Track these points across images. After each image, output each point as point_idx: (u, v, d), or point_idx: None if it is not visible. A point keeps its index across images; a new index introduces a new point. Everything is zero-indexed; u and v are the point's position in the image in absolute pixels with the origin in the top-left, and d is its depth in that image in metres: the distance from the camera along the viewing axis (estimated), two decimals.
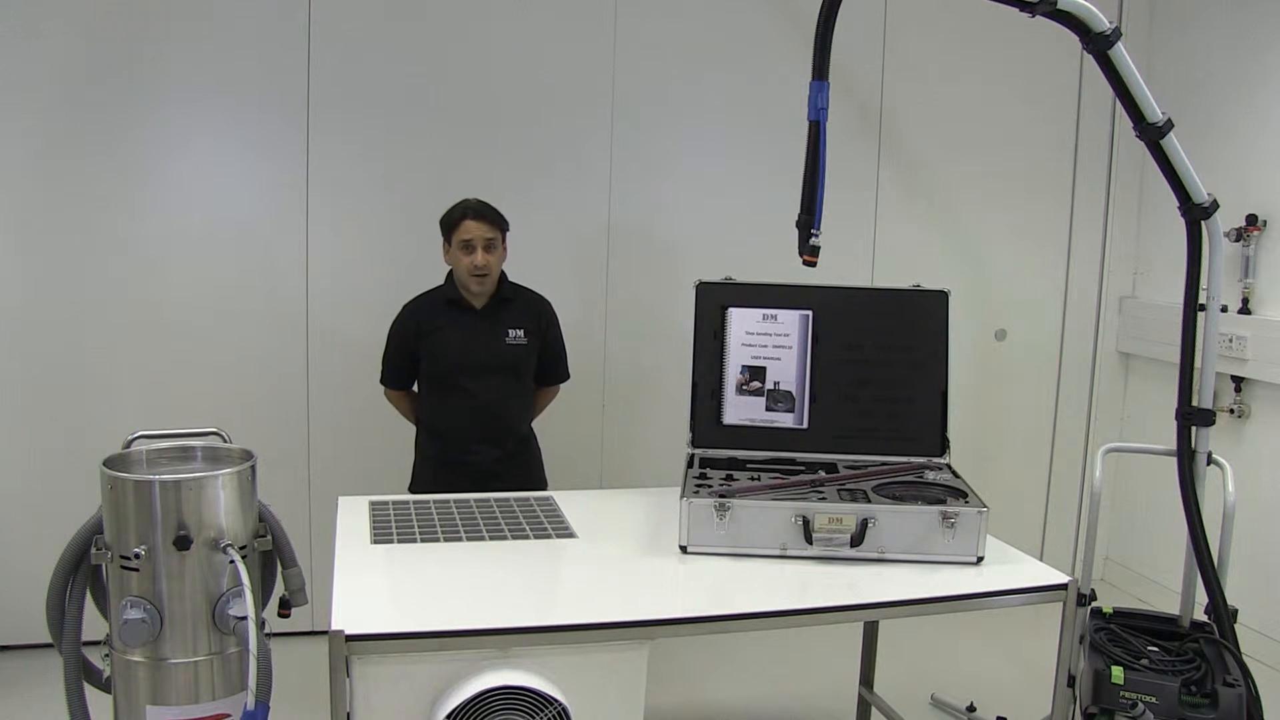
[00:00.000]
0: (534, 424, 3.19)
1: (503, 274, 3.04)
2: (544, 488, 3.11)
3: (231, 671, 2.03)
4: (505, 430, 3.03)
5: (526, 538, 2.28)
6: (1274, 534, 3.58)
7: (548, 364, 3.13)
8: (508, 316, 3.01)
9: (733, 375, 2.61)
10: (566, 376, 3.23)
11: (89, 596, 2.10)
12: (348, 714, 1.72)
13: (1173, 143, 2.40)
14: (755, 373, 2.61)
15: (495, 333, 2.98)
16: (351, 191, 3.56)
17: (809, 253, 2.24)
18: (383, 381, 3.12)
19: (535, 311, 3.08)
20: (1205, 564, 2.55)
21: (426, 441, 3.09)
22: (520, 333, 3.00)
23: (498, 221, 2.96)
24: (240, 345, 3.51)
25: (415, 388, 3.12)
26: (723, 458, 2.57)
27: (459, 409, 2.98)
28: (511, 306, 3.03)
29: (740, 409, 2.61)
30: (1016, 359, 4.27)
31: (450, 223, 2.95)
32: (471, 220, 2.91)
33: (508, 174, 3.61)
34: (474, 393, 2.97)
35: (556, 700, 1.75)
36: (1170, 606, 2.81)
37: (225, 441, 2.28)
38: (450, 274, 3.04)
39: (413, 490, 3.05)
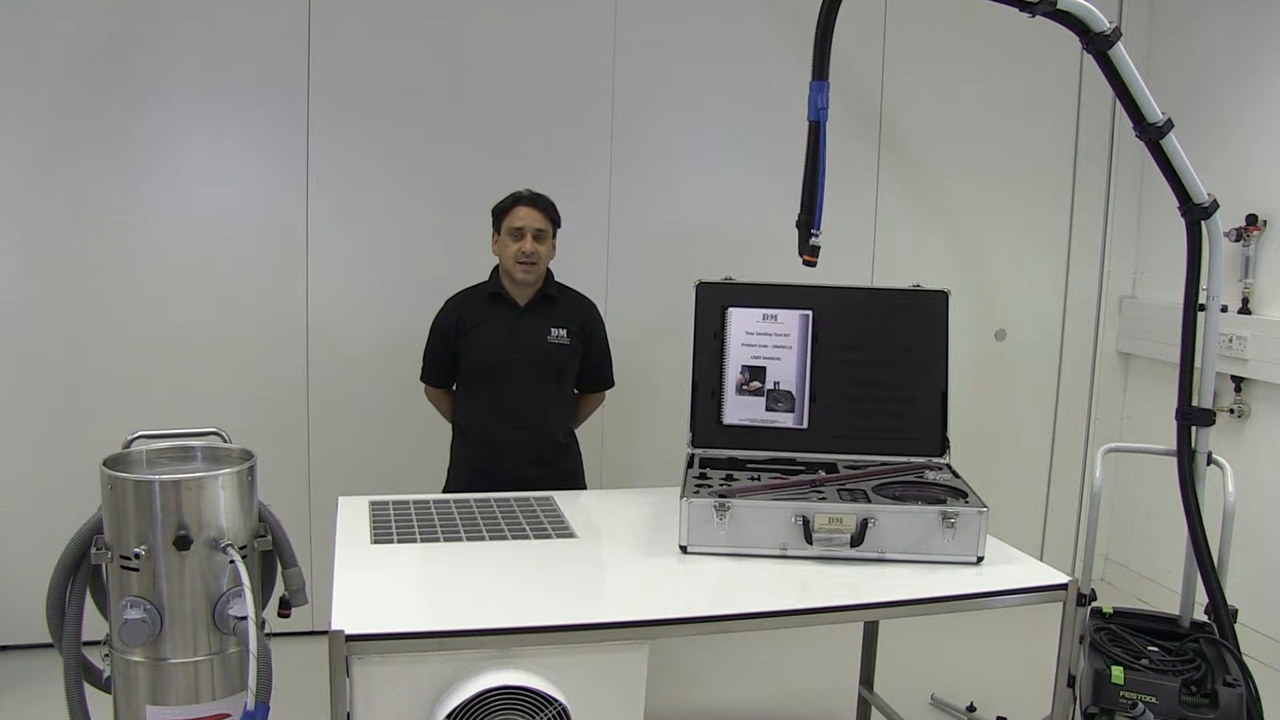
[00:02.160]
0: None
1: (549, 272, 2.99)
2: None
3: (231, 671, 2.03)
4: (541, 433, 2.95)
5: (526, 538, 2.28)
6: (1274, 534, 3.58)
7: (592, 369, 3.06)
8: (551, 315, 2.94)
9: (733, 375, 2.61)
10: (611, 383, 3.16)
11: (89, 596, 2.10)
12: (348, 714, 1.72)
13: (1173, 143, 2.40)
14: (755, 373, 2.61)
15: (537, 330, 2.91)
16: (352, 191, 3.56)
17: (809, 253, 2.24)
18: (423, 378, 3.07)
19: (580, 313, 3.01)
20: (1205, 564, 2.55)
21: (461, 444, 3.03)
22: (563, 332, 2.93)
23: (550, 212, 2.92)
24: (240, 345, 3.51)
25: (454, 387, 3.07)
26: (723, 458, 2.57)
27: (494, 408, 2.92)
28: (556, 304, 2.96)
29: (740, 409, 2.61)
30: (1016, 359, 4.27)
31: (502, 209, 2.92)
32: (524, 207, 2.88)
33: (508, 173, 3.58)
34: (510, 391, 2.90)
35: (556, 700, 1.75)
36: (1170, 606, 2.81)
37: (225, 441, 2.28)
38: (495, 269, 2.99)
39: (446, 493, 2.99)
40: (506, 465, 2.91)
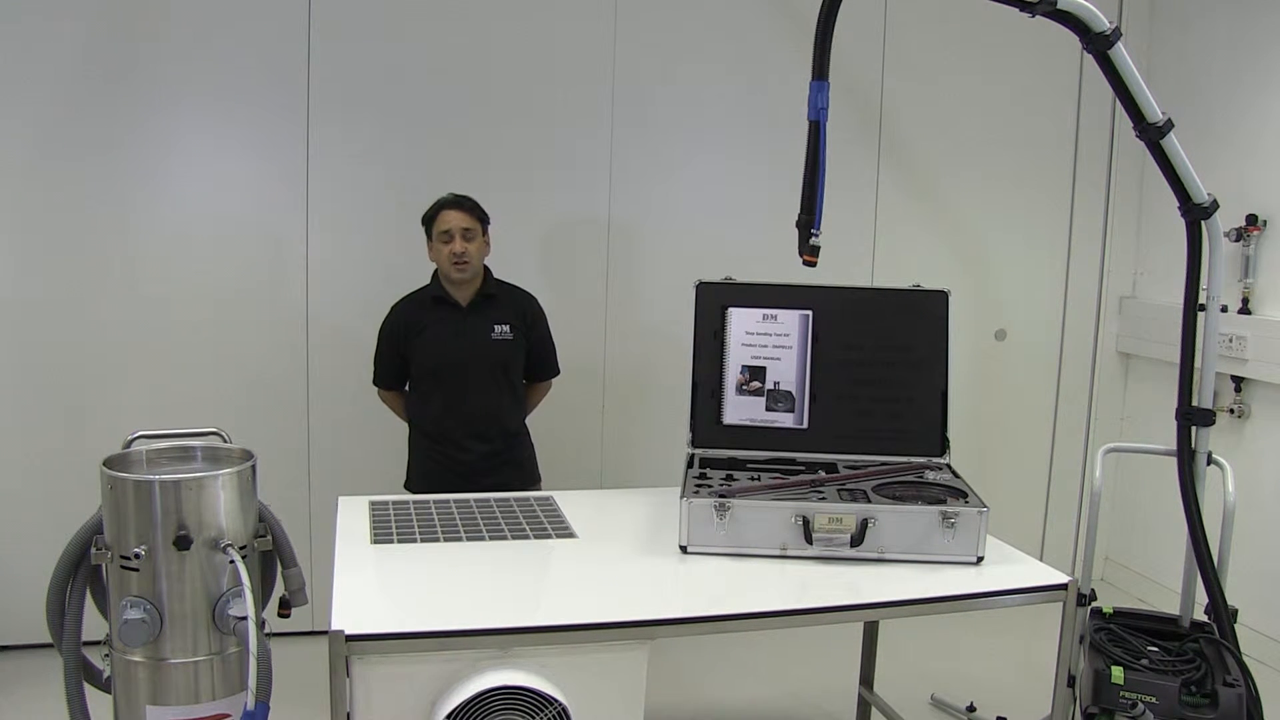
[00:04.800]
0: (531, 421, 3.20)
1: (488, 271, 3.05)
2: (537, 484, 3.13)
3: (231, 671, 2.03)
4: (494, 426, 3.04)
5: (526, 538, 2.28)
6: (1274, 534, 3.58)
7: (536, 360, 3.14)
8: (493, 312, 3.02)
9: (733, 375, 2.61)
10: (557, 372, 3.23)
11: (89, 596, 2.10)
12: (348, 714, 1.72)
13: (1173, 143, 2.40)
14: (755, 373, 2.61)
15: (481, 329, 3.00)
16: (352, 190, 3.56)
17: (809, 253, 2.24)
18: (375, 382, 3.14)
19: (521, 307, 3.09)
20: (1205, 564, 2.55)
21: (418, 440, 3.10)
22: (506, 328, 3.01)
23: (475, 211, 2.99)
24: (240, 345, 3.51)
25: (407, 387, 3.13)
26: (723, 458, 2.57)
27: (447, 406, 3.00)
28: (497, 302, 3.04)
29: (740, 409, 2.61)
30: (1016, 359, 4.27)
31: (429, 217, 3.00)
32: (449, 210, 2.96)
33: (508, 172, 3.61)
34: (461, 389, 2.98)
35: (556, 700, 1.75)
36: (1170, 606, 2.81)
37: (225, 441, 2.28)
38: (435, 273, 3.06)
39: (407, 489, 3.06)
40: (462, 458, 3.00)
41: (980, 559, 2.16)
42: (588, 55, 3.71)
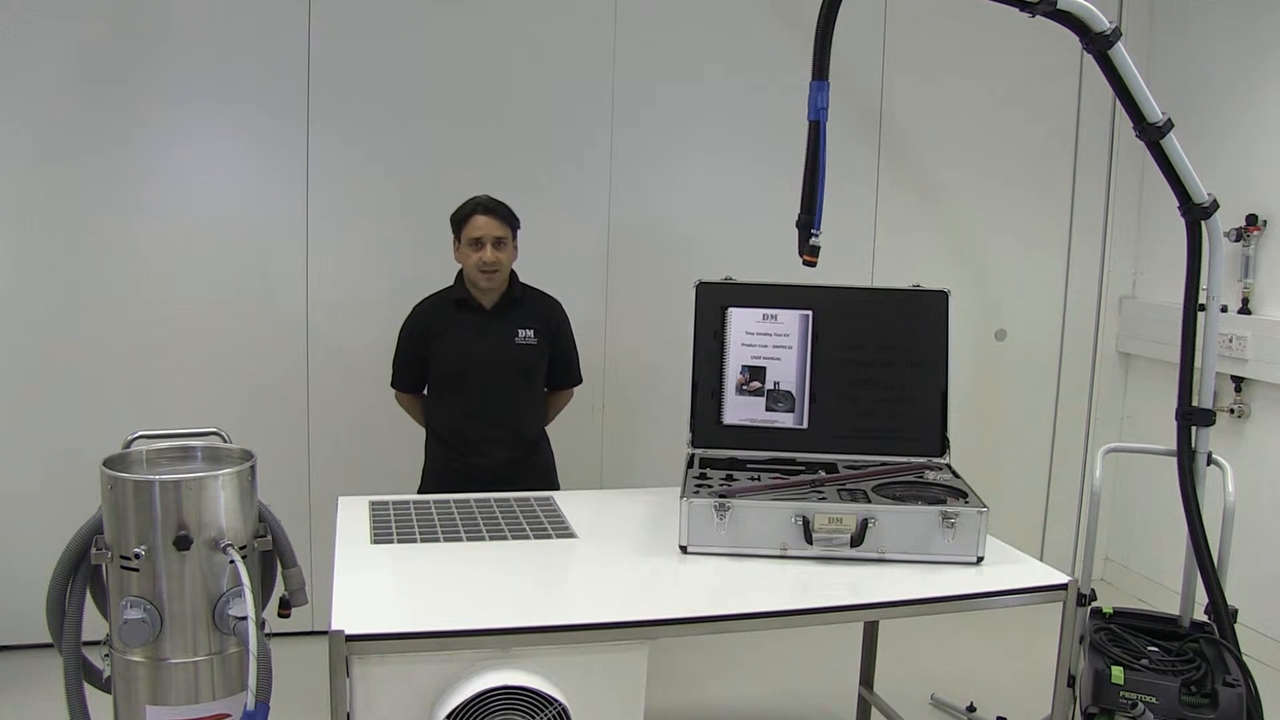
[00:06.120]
0: None
1: (513, 274, 3.01)
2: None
3: (231, 671, 2.02)
4: (515, 433, 3.00)
5: (526, 538, 2.28)
6: (1274, 534, 3.58)
7: (559, 367, 3.10)
8: (518, 317, 2.98)
9: (733, 375, 2.61)
10: (579, 380, 3.20)
11: (89, 596, 2.10)
12: (348, 714, 1.72)
13: (1173, 143, 2.40)
14: (755, 373, 2.61)
15: (505, 333, 2.95)
16: (352, 191, 3.56)
17: (809, 253, 2.24)
18: (393, 384, 3.10)
19: (545, 312, 3.05)
20: (1205, 564, 2.55)
21: (435, 446, 3.06)
22: (530, 333, 2.97)
23: (508, 219, 2.94)
24: (240, 345, 3.51)
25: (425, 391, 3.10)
26: (723, 458, 2.57)
27: (468, 411, 2.95)
28: (521, 307, 3.00)
29: (740, 409, 2.61)
30: (1016, 359, 4.27)
31: (460, 218, 2.93)
32: (482, 216, 2.89)
33: (508, 173, 3.61)
34: (483, 394, 2.94)
35: (556, 700, 1.75)
36: (1170, 606, 2.81)
37: (225, 441, 2.28)
38: (460, 274, 3.02)
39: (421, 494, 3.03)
40: (481, 465, 2.95)
41: (980, 559, 2.16)
42: (588, 55, 3.71)
